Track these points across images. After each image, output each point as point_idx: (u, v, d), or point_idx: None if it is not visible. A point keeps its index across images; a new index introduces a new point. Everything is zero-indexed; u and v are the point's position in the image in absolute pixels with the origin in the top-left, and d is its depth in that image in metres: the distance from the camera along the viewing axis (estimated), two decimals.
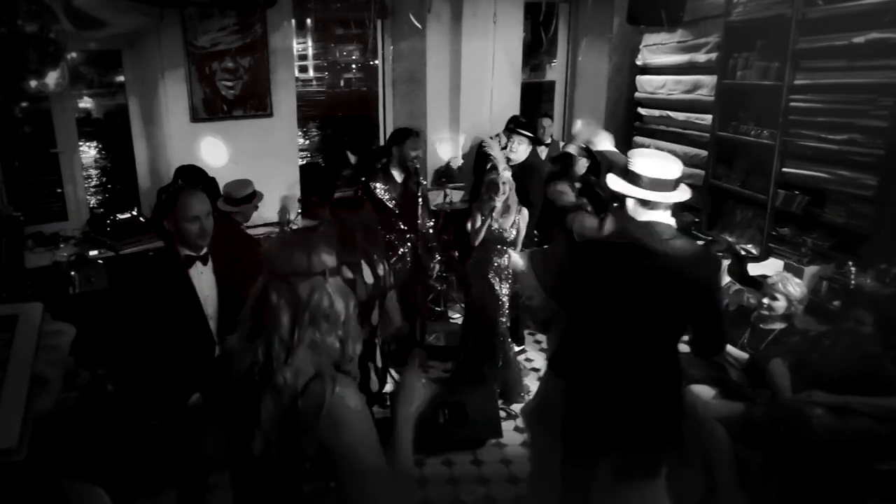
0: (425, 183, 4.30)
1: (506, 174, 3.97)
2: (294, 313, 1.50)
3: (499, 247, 4.02)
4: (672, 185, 2.34)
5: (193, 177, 4.49)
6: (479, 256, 4.05)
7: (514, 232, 4.04)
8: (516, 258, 3.18)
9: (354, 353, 1.60)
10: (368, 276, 3.07)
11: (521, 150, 4.88)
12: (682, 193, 2.38)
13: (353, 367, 1.62)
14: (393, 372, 4.42)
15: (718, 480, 3.08)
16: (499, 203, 3.91)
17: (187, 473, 2.81)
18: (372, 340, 3.23)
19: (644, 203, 2.33)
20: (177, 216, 2.60)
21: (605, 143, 4.14)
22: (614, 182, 2.39)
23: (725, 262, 4.06)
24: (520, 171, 4.60)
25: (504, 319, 4.13)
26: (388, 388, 4.28)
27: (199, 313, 2.63)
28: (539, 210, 4.55)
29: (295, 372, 1.47)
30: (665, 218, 2.36)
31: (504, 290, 4.08)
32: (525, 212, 4.08)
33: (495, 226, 3.96)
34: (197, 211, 2.60)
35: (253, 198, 3.87)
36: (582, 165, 4.71)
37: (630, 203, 2.36)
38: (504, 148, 4.75)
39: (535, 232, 4.67)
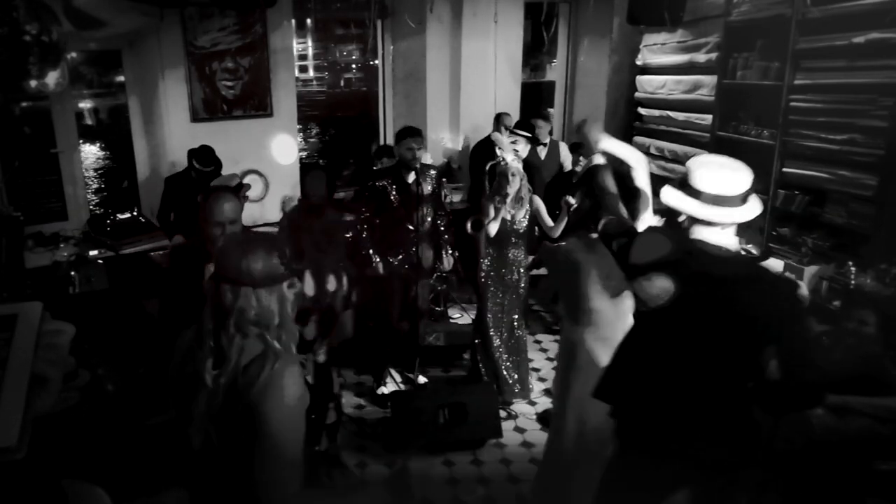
0: (432, 173, 4.25)
1: (515, 164, 3.96)
2: (222, 318, 1.54)
3: (513, 239, 4.02)
4: (740, 200, 1.98)
5: (207, 158, 4.53)
6: (494, 249, 4.05)
7: (527, 223, 4.04)
8: None
9: (291, 343, 1.64)
10: (309, 288, 3.03)
11: (520, 150, 4.88)
12: (752, 209, 2.00)
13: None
14: (393, 372, 4.43)
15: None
16: (511, 193, 3.90)
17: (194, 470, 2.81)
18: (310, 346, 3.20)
19: (705, 221, 1.97)
20: (206, 218, 2.59)
21: (610, 142, 4.12)
22: (671, 196, 2.03)
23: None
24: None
25: (518, 315, 4.13)
26: (389, 388, 4.29)
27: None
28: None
29: (239, 351, 1.53)
30: (729, 238, 2.00)
31: (522, 282, 4.09)
32: (537, 200, 4.07)
33: (508, 217, 3.95)
34: (223, 217, 2.59)
35: (240, 190, 3.87)
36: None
37: (688, 220, 2.01)
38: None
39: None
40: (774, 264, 4.23)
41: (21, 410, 0.72)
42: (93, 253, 4.49)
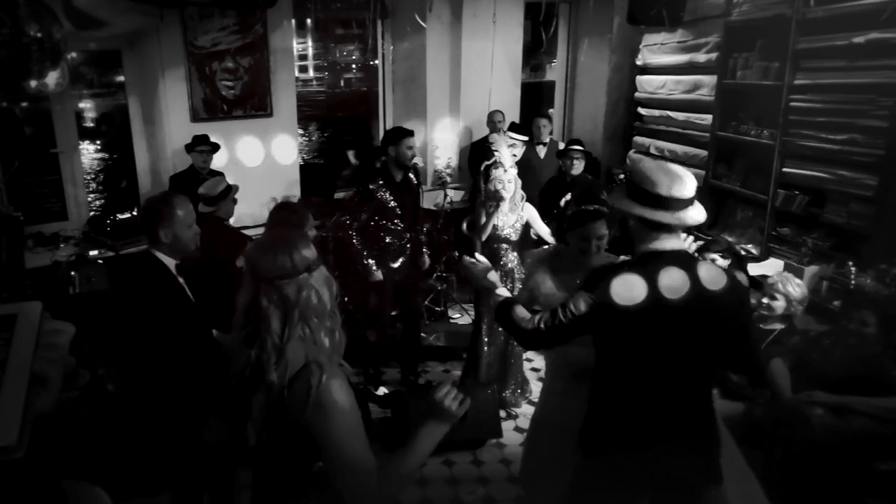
0: (421, 182, 4.28)
1: (511, 172, 3.95)
2: (285, 314, 1.54)
3: (504, 246, 4.01)
4: (689, 204, 1.97)
5: (202, 141, 4.59)
6: (486, 256, 4.03)
7: (520, 230, 4.02)
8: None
9: (342, 343, 1.64)
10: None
11: (516, 153, 4.89)
12: (702, 212, 2.00)
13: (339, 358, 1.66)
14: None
15: None
16: (505, 198, 3.89)
17: (187, 473, 2.81)
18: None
19: (663, 227, 1.96)
20: (175, 224, 2.53)
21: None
22: (621, 201, 2.01)
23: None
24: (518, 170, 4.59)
25: None
26: (383, 390, 4.29)
27: (193, 313, 2.63)
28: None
29: (284, 367, 1.53)
30: (682, 243, 2.04)
31: (515, 290, 4.07)
32: (530, 208, 4.05)
33: (500, 224, 3.94)
34: (192, 218, 2.59)
35: (228, 192, 3.88)
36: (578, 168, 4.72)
37: (640, 227, 1.99)
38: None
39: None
40: (774, 264, 4.24)
41: (21, 409, 0.72)
42: (93, 253, 4.49)
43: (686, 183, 1.95)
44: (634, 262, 2.02)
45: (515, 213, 3.97)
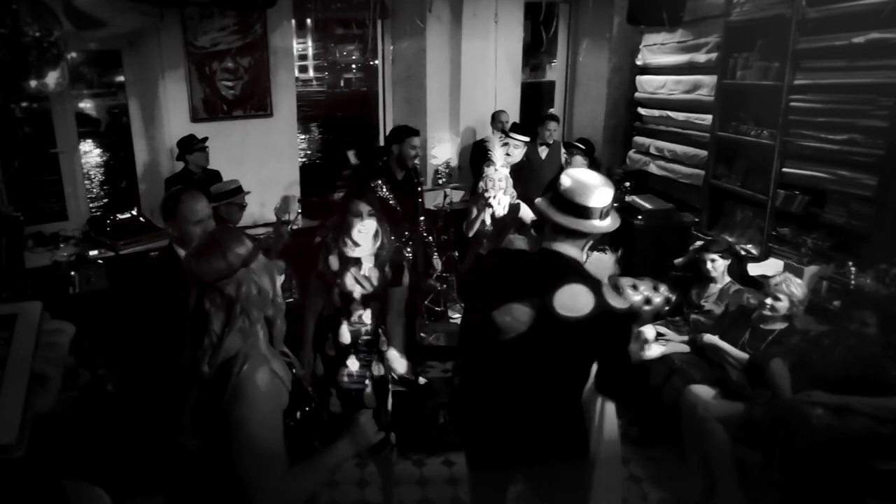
0: (423, 179, 4.29)
1: (502, 171, 3.95)
2: (227, 312, 1.58)
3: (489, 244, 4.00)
4: (604, 214, 2.03)
5: (190, 142, 4.59)
6: (473, 251, 4.03)
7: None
8: None
9: (283, 328, 1.69)
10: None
11: (516, 153, 4.88)
12: (616, 221, 2.08)
13: (280, 343, 1.71)
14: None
15: (718, 480, 3.09)
16: (492, 198, 3.88)
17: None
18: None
19: (564, 231, 2.02)
20: (179, 219, 2.59)
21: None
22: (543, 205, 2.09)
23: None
24: (518, 170, 4.59)
25: None
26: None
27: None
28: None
29: (216, 359, 1.57)
30: (574, 250, 2.05)
31: None
32: (524, 207, 4.05)
33: (488, 221, 3.93)
34: (202, 214, 2.60)
35: (232, 194, 3.87)
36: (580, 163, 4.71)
37: (546, 227, 2.08)
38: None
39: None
40: (774, 264, 4.24)
41: (20, 408, 0.73)
42: (93, 253, 4.48)
43: (599, 194, 2.01)
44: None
45: (504, 212, 3.96)
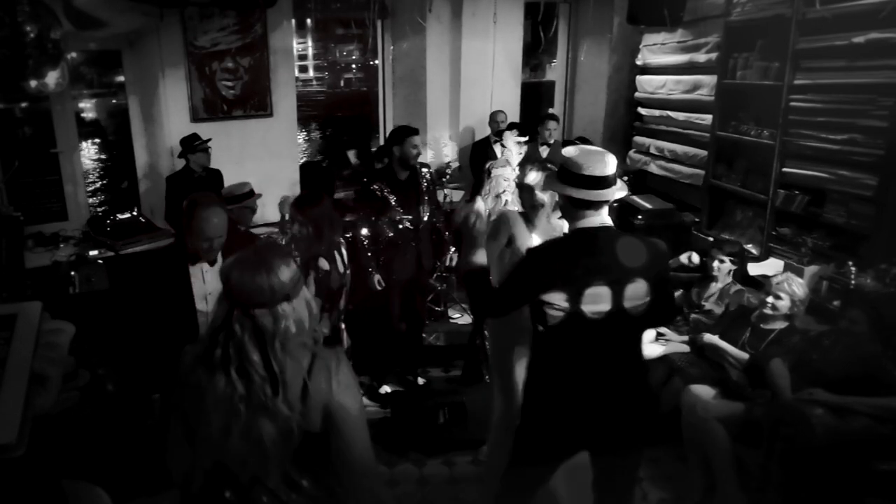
0: (429, 171, 4.27)
1: (505, 170, 3.95)
2: (261, 343, 1.42)
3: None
4: (613, 181, 2.12)
5: (192, 141, 4.60)
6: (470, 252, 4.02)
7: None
8: None
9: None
10: (340, 265, 3.23)
11: (521, 150, 4.88)
12: (623, 188, 2.18)
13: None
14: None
15: (718, 480, 3.08)
16: (491, 196, 3.88)
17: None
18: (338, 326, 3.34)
19: (588, 204, 2.08)
20: (192, 233, 2.56)
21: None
22: (553, 184, 2.16)
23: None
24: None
25: None
26: (386, 388, 4.29)
27: (191, 311, 2.63)
28: None
29: (285, 393, 1.44)
30: (606, 217, 2.14)
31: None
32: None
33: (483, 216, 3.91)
34: (218, 232, 2.56)
35: (245, 197, 3.87)
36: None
37: (567, 206, 2.14)
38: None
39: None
40: (774, 264, 4.24)
41: (20, 408, 0.73)
42: (93, 253, 4.48)
43: (606, 163, 2.08)
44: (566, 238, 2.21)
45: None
